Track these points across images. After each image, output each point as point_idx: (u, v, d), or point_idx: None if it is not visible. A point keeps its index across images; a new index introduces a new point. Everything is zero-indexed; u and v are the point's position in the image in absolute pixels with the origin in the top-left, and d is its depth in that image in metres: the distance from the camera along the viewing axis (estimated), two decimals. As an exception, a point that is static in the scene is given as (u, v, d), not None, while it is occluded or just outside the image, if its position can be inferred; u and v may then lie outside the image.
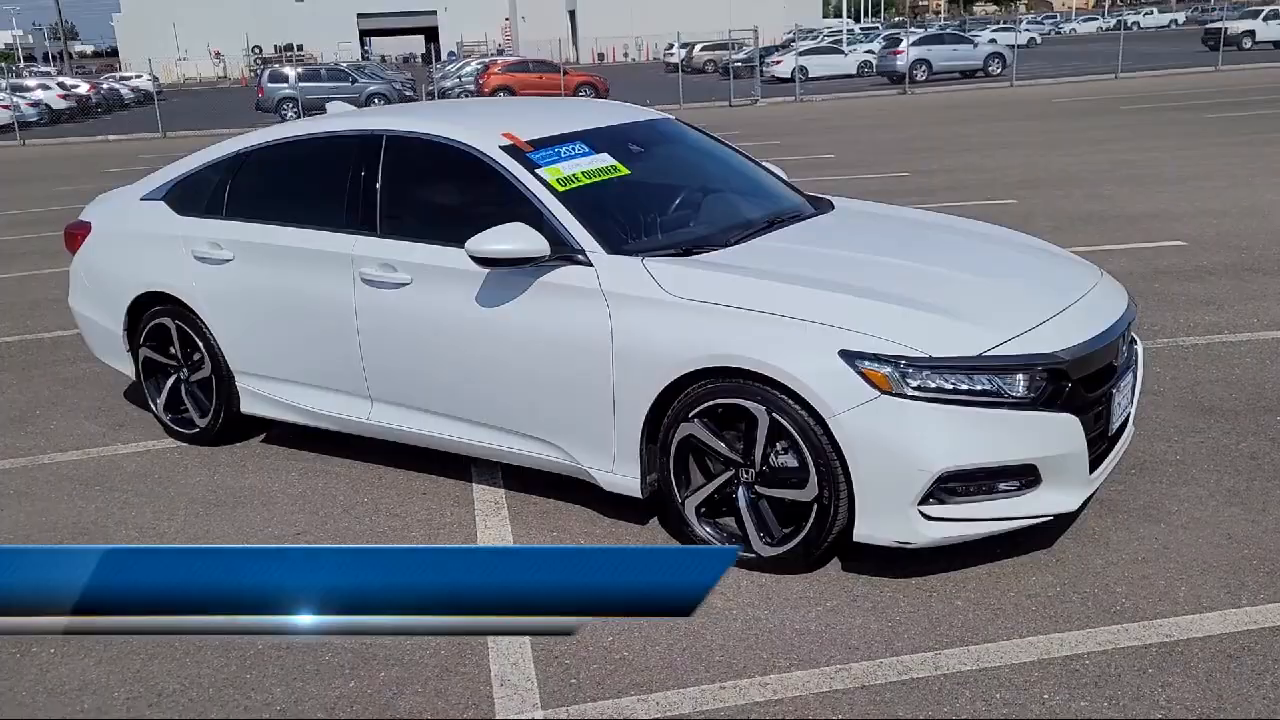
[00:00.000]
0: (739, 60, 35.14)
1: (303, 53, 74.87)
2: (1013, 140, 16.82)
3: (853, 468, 3.36)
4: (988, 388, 3.33)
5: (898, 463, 3.31)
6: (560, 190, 4.01)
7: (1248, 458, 4.41)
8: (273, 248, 4.63)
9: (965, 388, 3.32)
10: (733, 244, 4.03)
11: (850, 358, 3.34)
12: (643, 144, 4.71)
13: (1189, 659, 3.07)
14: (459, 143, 4.26)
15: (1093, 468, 3.56)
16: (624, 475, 3.86)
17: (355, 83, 34.16)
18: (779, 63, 37.13)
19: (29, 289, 9.26)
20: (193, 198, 5.04)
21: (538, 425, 4.02)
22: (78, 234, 5.51)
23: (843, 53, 40.98)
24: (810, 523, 3.49)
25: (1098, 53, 39.68)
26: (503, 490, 4.44)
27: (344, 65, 41.32)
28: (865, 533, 3.44)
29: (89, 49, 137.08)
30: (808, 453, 3.41)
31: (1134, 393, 3.98)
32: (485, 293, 4.00)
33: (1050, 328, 3.52)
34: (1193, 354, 5.79)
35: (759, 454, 3.53)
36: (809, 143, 18.36)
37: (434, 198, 4.52)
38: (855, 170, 14.06)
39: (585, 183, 4.12)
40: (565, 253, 3.85)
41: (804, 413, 3.39)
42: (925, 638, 3.24)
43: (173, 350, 5.12)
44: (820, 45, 43.33)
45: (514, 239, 3.80)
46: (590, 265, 3.82)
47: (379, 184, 4.37)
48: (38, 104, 35.95)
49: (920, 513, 3.35)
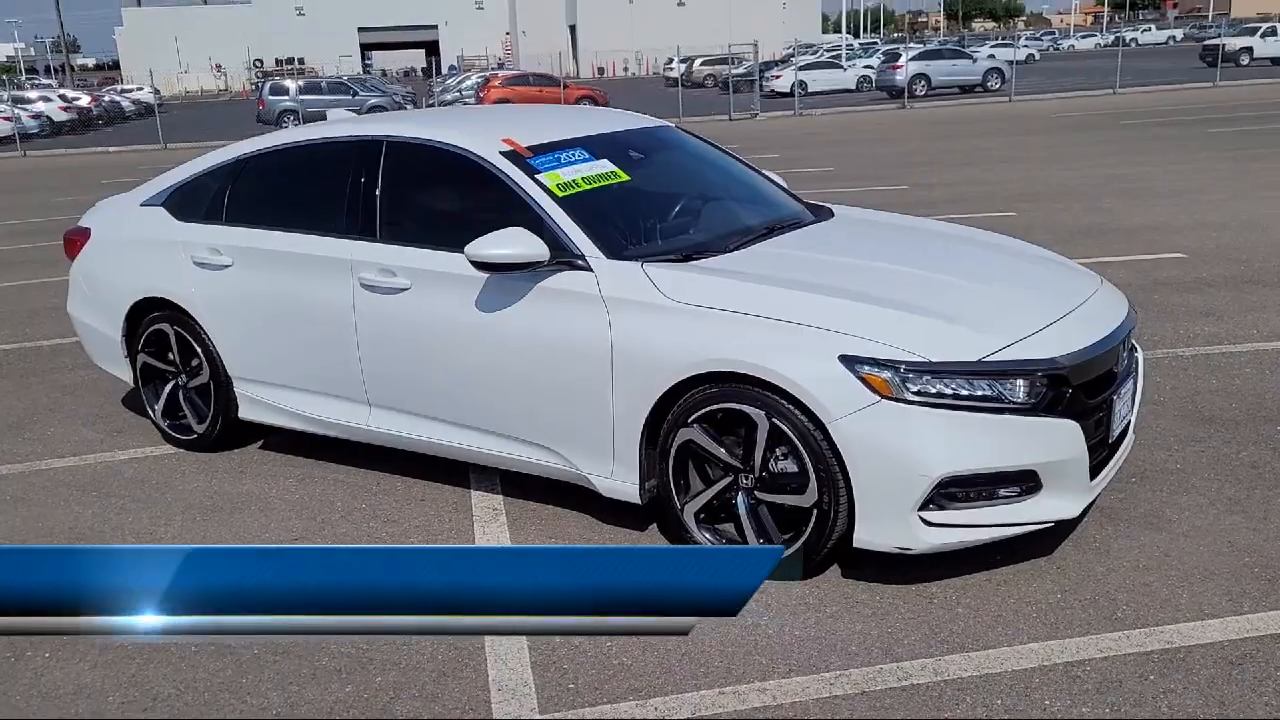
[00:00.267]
0: (738, 75, 35.23)
1: (304, 66, 75.06)
2: (1012, 154, 16.85)
3: (853, 473, 3.35)
4: (988, 393, 3.32)
5: (898, 468, 3.30)
6: (560, 196, 4.01)
7: (1248, 466, 4.40)
8: (272, 253, 4.62)
9: (966, 393, 3.31)
10: (733, 250, 4.03)
11: (850, 362, 3.33)
12: (643, 151, 4.72)
13: (1191, 666, 3.05)
14: (459, 148, 4.26)
15: (1093, 474, 3.54)
16: (623, 481, 3.85)
17: (356, 95, 34.25)
18: (778, 77, 37.20)
19: (27, 297, 9.25)
20: (192, 203, 5.03)
21: (537, 431, 4.00)
22: (77, 240, 5.50)
23: (842, 68, 41.10)
24: (810, 528, 3.47)
25: (1096, 69, 39.79)
26: (501, 497, 4.43)
27: (345, 78, 41.47)
28: (865, 538, 3.42)
29: (91, 62, 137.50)
30: (807, 458, 3.40)
31: (1134, 400, 3.97)
32: (484, 298, 3.99)
33: (1051, 333, 3.52)
34: (1193, 364, 5.78)
35: (758, 459, 3.52)
36: (808, 156, 18.39)
37: (434, 203, 4.51)
38: (855, 183, 14.08)
39: (585, 188, 4.12)
40: (565, 258, 3.85)
41: (804, 418, 3.38)
42: (926, 644, 3.22)
43: (171, 356, 5.10)
44: (820, 60, 43.46)
45: (514, 244, 3.80)
46: (590, 270, 3.81)
47: (379, 189, 4.37)
48: (39, 116, 36.05)
49: (920, 518, 3.33)
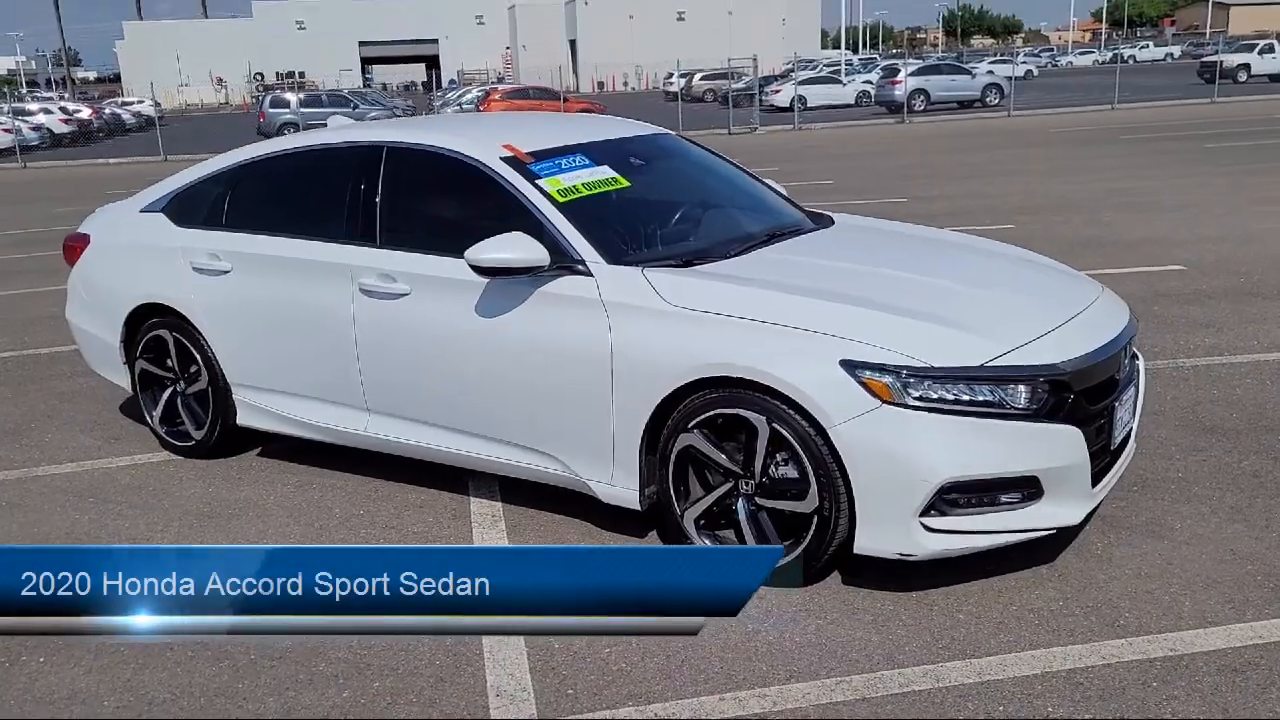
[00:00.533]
0: (738, 89, 35.31)
1: (304, 80, 75.20)
2: (1011, 168, 16.87)
3: (853, 478, 3.33)
4: (989, 398, 3.31)
5: (899, 473, 3.28)
6: (560, 201, 4.00)
7: (1250, 476, 4.39)
8: (271, 259, 4.61)
9: (967, 398, 3.30)
10: (733, 256, 4.02)
11: (851, 367, 3.32)
12: (643, 158, 4.71)
13: (1194, 673, 3.03)
14: (460, 154, 4.25)
15: (1095, 481, 3.53)
16: (623, 487, 3.83)
17: (356, 108, 34.33)
18: (778, 92, 37.27)
19: (26, 306, 9.24)
20: (192, 209, 5.02)
21: (536, 436, 3.99)
22: (76, 246, 5.48)
23: (841, 83, 41.21)
24: (810, 534, 3.45)
25: (1094, 84, 39.90)
26: (500, 504, 4.40)
27: (345, 91, 41.63)
28: (866, 544, 3.40)
29: (92, 75, 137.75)
30: (808, 463, 3.38)
31: (1136, 408, 3.95)
32: (484, 303, 3.98)
33: (1052, 339, 3.51)
34: (1193, 375, 5.77)
35: (759, 465, 3.50)
36: (808, 169, 18.41)
37: (434, 209, 4.50)
38: (854, 196, 14.09)
39: (586, 194, 4.11)
40: (565, 263, 3.84)
41: (804, 423, 3.36)
42: (926, 651, 3.20)
43: (169, 362, 5.08)
44: (819, 75, 43.55)
45: (514, 248, 3.79)
46: (590, 275, 3.80)
47: (379, 195, 4.36)
48: (39, 128, 36.07)
49: (922, 524, 3.32)
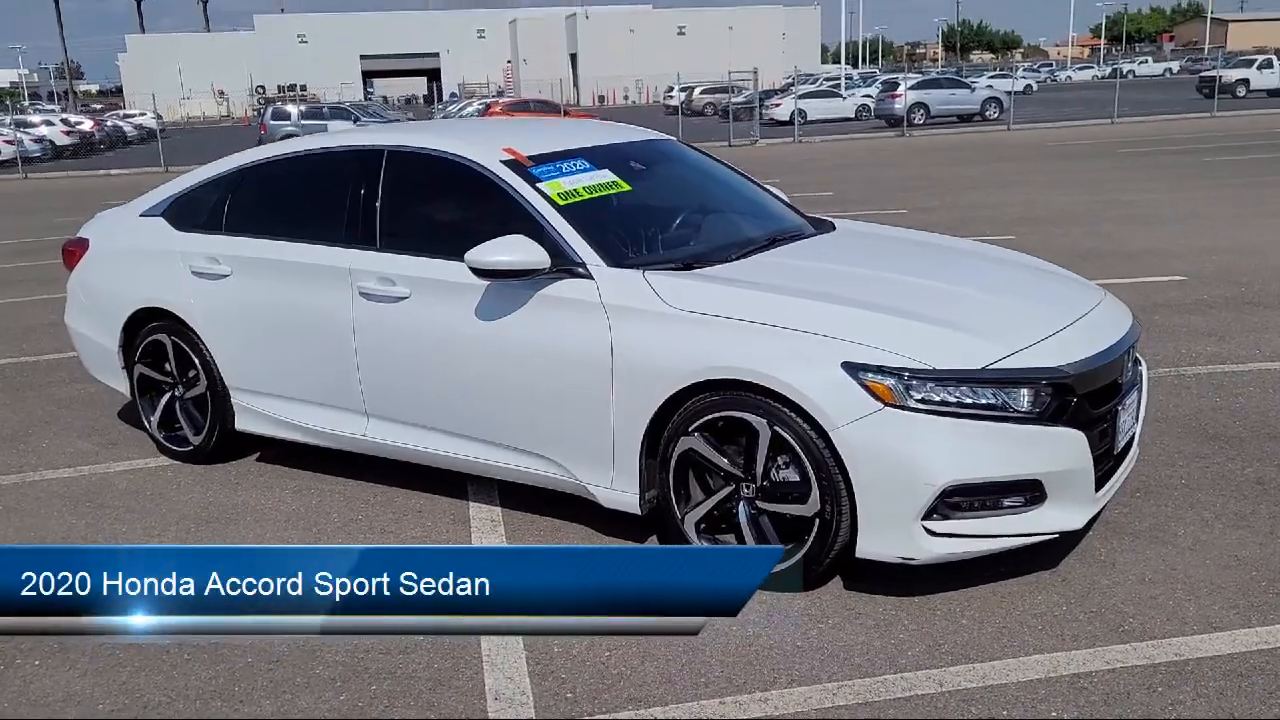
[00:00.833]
0: (738, 103, 35.36)
1: (306, 93, 75.31)
2: (1011, 180, 16.88)
3: (855, 481, 3.31)
4: (992, 401, 3.29)
5: (901, 476, 3.26)
6: (561, 204, 3.99)
7: (1254, 483, 4.36)
8: (271, 262, 4.60)
9: (969, 401, 3.28)
10: (734, 259, 4.01)
11: (853, 369, 3.30)
12: (644, 162, 4.71)
13: (1199, 678, 3.00)
14: (460, 157, 4.24)
15: (1098, 486, 3.50)
16: (623, 491, 3.80)
17: (358, 121, 34.33)
18: (778, 105, 37.32)
19: (25, 314, 9.22)
20: (192, 213, 5.01)
21: (536, 440, 3.96)
22: (75, 251, 5.47)
23: (841, 96, 41.31)
24: (812, 538, 3.42)
25: (1093, 99, 40.00)
26: (499, 508, 4.38)
27: (347, 104, 41.63)
28: (868, 548, 3.37)
29: (94, 88, 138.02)
30: (809, 466, 3.36)
31: (1139, 413, 3.93)
32: (484, 306, 3.96)
33: (1055, 342, 3.49)
34: (1195, 383, 5.75)
35: (760, 468, 3.48)
36: (808, 181, 18.41)
37: (434, 212, 4.49)
38: (855, 207, 14.08)
39: (586, 197, 4.10)
40: (565, 265, 3.82)
41: (806, 425, 3.34)
42: (929, 655, 3.17)
43: (168, 367, 5.06)
44: (819, 89, 43.64)
45: (514, 250, 3.77)
46: (591, 278, 3.79)
47: (379, 198, 4.34)
48: (41, 140, 36.10)
49: (924, 528, 3.29)
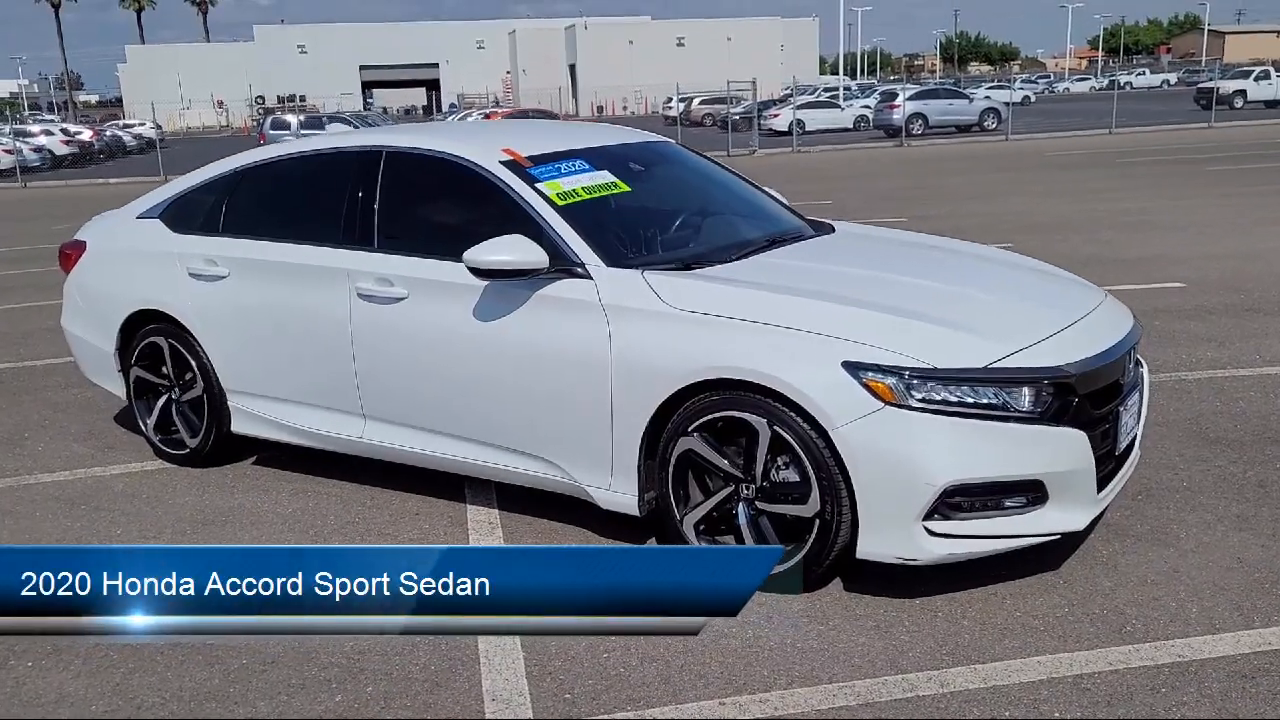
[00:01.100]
0: (737, 113, 35.40)
1: (305, 103, 75.40)
2: (1009, 189, 16.90)
3: (856, 481, 3.28)
4: (993, 401, 3.27)
5: (902, 476, 3.23)
6: (560, 204, 3.97)
7: (1255, 485, 4.34)
8: (268, 264, 4.58)
9: (971, 400, 3.26)
10: (734, 259, 3.99)
11: (853, 369, 3.28)
12: (643, 163, 4.69)
13: (1203, 679, 2.98)
14: (459, 157, 4.23)
15: (1100, 487, 3.48)
16: (621, 493, 3.78)
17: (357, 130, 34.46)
18: (777, 116, 37.37)
19: (22, 319, 9.21)
20: (189, 215, 4.99)
21: (534, 441, 3.94)
22: (72, 254, 5.45)
23: (840, 107, 41.34)
24: (812, 539, 3.40)
25: (1091, 110, 40.04)
26: (497, 511, 4.35)
27: (346, 114, 41.71)
28: (868, 549, 3.35)
29: (94, 98, 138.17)
30: (810, 466, 3.33)
31: (1140, 414, 3.91)
32: (482, 306, 3.94)
33: (1056, 342, 3.47)
34: (1196, 388, 5.73)
35: (760, 469, 3.45)
36: (807, 190, 18.39)
37: (432, 213, 4.46)
38: (854, 216, 13.94)
39: (585, 198, 4.09)
40: (564, 265, 3.80)
41: (806, 425, 3.32)
42: (930, 656, 3.15)
43: (165, 369, 5.04)
44: (818, 100, 43.68)
45: (512, 250, 3.75)
46: (589, 278, 3.77)
47: (377, 199, 4.33)
48: (40, 149, 36.14)
49: (925, 528, 3.27)
